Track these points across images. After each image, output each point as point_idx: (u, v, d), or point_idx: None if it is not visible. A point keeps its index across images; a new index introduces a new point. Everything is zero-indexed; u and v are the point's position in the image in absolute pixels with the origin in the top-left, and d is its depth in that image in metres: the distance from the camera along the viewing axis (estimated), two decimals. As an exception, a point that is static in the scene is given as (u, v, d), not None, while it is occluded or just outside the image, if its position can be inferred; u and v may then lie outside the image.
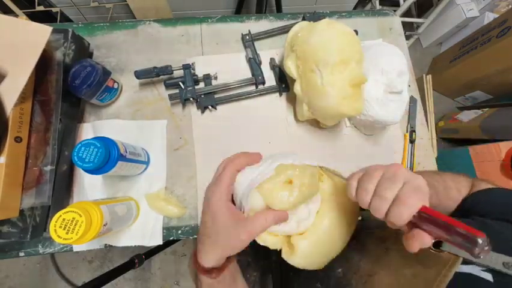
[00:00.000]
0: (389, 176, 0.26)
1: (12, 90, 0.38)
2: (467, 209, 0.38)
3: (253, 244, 0.56)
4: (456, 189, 0.41)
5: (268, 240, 0.36)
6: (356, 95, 0.45)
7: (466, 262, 0.27)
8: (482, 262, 0.26)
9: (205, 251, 0.31)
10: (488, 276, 0.25)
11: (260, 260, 0.55)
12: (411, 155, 0.56)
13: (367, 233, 0.38)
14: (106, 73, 0.49)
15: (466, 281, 0.26)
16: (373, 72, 0.50)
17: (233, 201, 0.35)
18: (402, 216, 0.24)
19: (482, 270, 0.25)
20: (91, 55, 0.56)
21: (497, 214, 0.33)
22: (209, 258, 0.31)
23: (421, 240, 0.25)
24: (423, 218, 0.24)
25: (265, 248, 0.36)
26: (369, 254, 0.36)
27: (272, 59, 0.59)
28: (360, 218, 0.39)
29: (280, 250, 0.50)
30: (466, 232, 0.22)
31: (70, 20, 1.13)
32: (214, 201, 0.31)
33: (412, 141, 0.57)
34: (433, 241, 0.28)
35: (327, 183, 0.38)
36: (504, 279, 0.24)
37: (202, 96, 0.53)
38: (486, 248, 0.21)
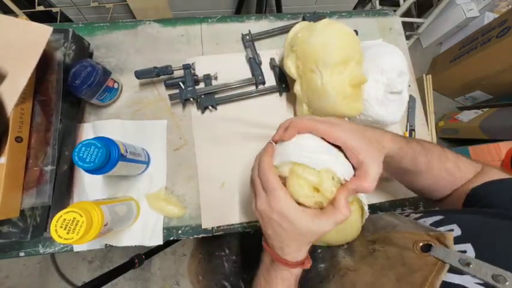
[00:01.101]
0: None
1: (12, 91, 0.38)
2: (477, 199, 0.35)
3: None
4: (455, 164, 0.38)
5: None
6: (356, 95, 0.45)
7: (456, 272, 0.25)
8: (470, 272, 0.24)
9: (298, 249, 0.31)
10: None
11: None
12: (411, 155, 0.56)
13: (358, 236, 0.38)
14: (106, 73, 0.49)
15: None
16: (373, 72, 0.50)
17: None
18: None
19: (476, 283, 0.24)
20: (91, 55, 0.56)
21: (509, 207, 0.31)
22: (300, 254, 0.31)
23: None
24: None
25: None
26: (354, 253, 0.36)
27: (272, 59, 0.59)
28: None
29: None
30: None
31: (69, 20, 1.13)
32: (284, 208, 0.28)
33: (412, 141, 0.57)
34: (421, 244, 0.29)
35: None
36: None
37: (202, 96, 0.53)
38: None
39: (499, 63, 1.24)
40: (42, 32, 0.40)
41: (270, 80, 0.58)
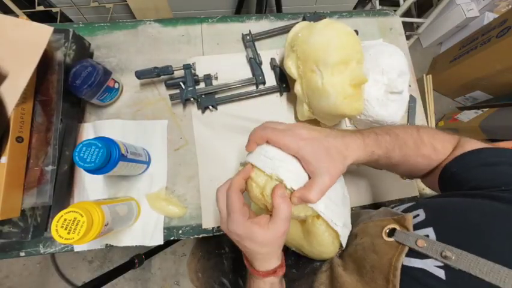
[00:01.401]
0: None
1: (13, 91, 0.38)
2: (449, 177, 0.34)
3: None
4: (431, 146, 0.36)
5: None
6: (356, 95, 0.45)
7: (418, 256, 0.27)
8: (423, 251, 0.26)
9: (265, 259, 0.32)
10: (441, 273, 0.24)
11: None
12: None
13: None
14: (107, 73, 0.49)
15: (418, 277, 0.25)
16: (373, 72, 0.50)
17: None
18: None
19: (435, 266, 0.25)
20: (91, 55, 0.56)
21: (489, 182, 0.30)
22: (272, 260, 0.32)
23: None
24: None
25: None
26: (343, 253, 0.38)
27: (273, 59, 0.59)
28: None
29: None
30: None
31: (69, 20, 1.13)
32: (238, 227, 0.29)
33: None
34: (387, 230, 0.31)
35: None
36: (455, 276, 0.23)
37: (203, 96, 0.53)
38: None
39: (499, 63, 1.24)
40: (43, 32, 0.40)
41: (271, 80, 0.58)
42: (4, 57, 0.38)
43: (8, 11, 0.95)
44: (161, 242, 0.48)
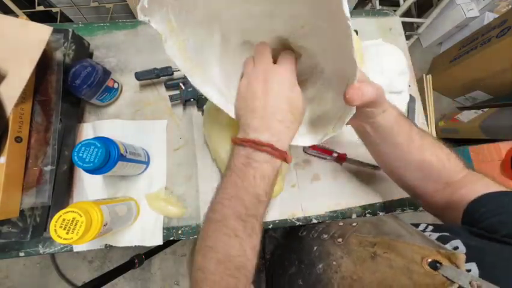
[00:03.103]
0: None
1: (12, 90, 0.38)
2: (477, 216, 0.34)
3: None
4: (446, 155, 0.38)
5: None
6: None
7: None
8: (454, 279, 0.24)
9: (290, 135, 0.29)
10: None
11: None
12: (411, 155, 0.56)
13: (355, 235, 0.36)
14: (106, 73, 0.49)
15: None
16: (373, 72, 0.50)
17: None
18: None
19: None
20: (91, 55, 0.56)
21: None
22: (289, 136, 0.29)
23: (364, 90, 0.26)
24: None
25: (260, 247, 0.36)
26: (352, 254, 0.34)
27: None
28: (355, 224, 0.38)
29: (274, 250, 0.50)
30: None
31: (69, 20, 1.13)
32: (286, 76, 0.29)
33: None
34: (429, 260, 0.27)
35: None
36: None
37: (203, 97, 0.53)
38: None
39: (499, 63, 1.24)
40: (42, 32, 0.40)
41: (270, 80, 0.58)
42: (3, 57, 0.38)
43: (8, 11, 0.95)
44: (160, 242, 0.48)
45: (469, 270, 0.26)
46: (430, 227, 0.36)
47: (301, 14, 0.28)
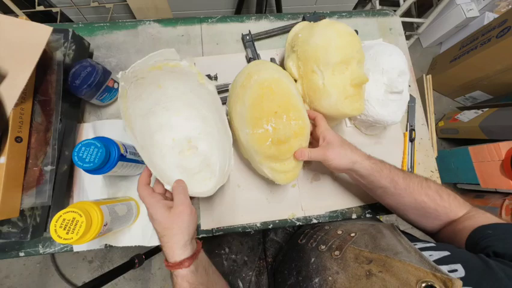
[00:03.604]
0: None
1: (12, 91, 0.38)
2: (474, 242, 0.35)
3: (249, 242, 0.56)
4: (436, 192, 0.40)
5: None
6: (357, 94, 0.45)
7: None
8: None
9: (169, 247, 0.34)
10: None
11: (256, 260, 0.55)
12: (411, 154, 0.56)
13: (353, 248, 0.36)
14: (106, 73, 0.49)
15: None
16: (373, 72, 0.50)
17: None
18: None
19: None
20: (91, 55, 0.56)
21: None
22: (176, 250, 0.34)
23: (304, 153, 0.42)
24: None
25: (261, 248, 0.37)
26: (348, 270, 0.34)
27: (272, 59, 0.59)
28: (353, 234, 0.39)
29: (276, 254, 0.50)
30: None
31: (70, 20, 1.13)
32: (150, 207, 0.36)
33: (412, 140, 0.57)
34: (424, 285, 0.28)
35: None
36: None
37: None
38: None
39: (499, 63, 1.24)
40: (42, 32, 0.40)
41: (270, 80, 0.58)
42: (3, 57, 0.38)
43: (8, 11, 0.94)
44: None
45: None
46: (431, 244, 0.36)
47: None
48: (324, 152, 0.42)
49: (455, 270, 0.29)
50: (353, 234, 0.39)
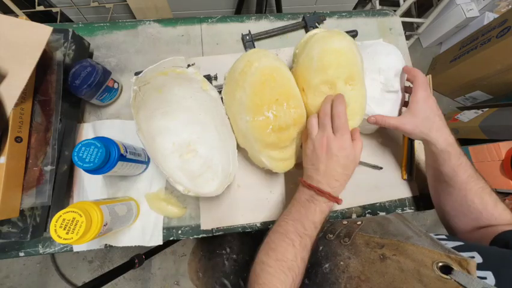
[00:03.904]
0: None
1: (12, 90, 0.38)
2: (498, 243, 0.35)
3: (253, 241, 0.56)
4: (494, 201, 0.39)
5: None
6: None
7: None
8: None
9: (339, 185, 0.37)
10: None
11: None
12: (411, 154, 0.56)
13: (362, 235, 0.36)
14: (106, 73, 0.49)
15: None
16: (370, 71, 0.50)
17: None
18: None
19: None
20: (91, 55, 0.56)
21: None
22: (341, 189, 0.38)
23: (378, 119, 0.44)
24: None
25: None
26: (360, 255, 0.34)
27: (272, 59, 0.59)
28: (359, 222, 0.39)
29: None
30: None
31: (70, 20, 1.13)
32: (352, 150, 0.38)
33: (412, 140, 0.57)
34: (440, 264, 0.28)
35: None
36: None
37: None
38: None
39: (499, 63, 1.24)
40: (42, 32, 0.40)
41: (270, 80, 0.58)
42: (3, 57, 0.38)
43: (8, 11, 0.94)
44: (160, 243, 0.48)
45: (484, 278, 0.26)
46: (443, 236, 0.36)
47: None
48: (400, 121, 0.44)
49: (472, 257, 0.29)
50: (359, 222, 0.39)
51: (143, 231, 0.48)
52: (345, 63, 0.43)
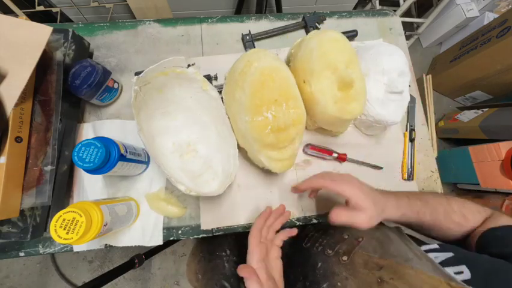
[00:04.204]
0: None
1: (12, 91, 0.38)
2: (483, 245, 0.36)
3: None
4: (460, 214, 0.40)
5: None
6: (347, 97, 0.44)
7: None
8: None
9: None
10: None
11: None
12: (411, 154, 0.56)
13: (361, 253, 0.36)
14: (106, 73, 0.49)
15: None
16: (374, 72, 0.49)
17: None
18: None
19: None
20: (91, 55, 0.56)
21: None
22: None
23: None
24: None
25: None
26: (358, 276, 0.33)
27: (272, 59, 0.59)
28: (360, 239, 0.39)
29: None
30: None
31: (70, 20, 1.13)
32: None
33: (412, 140, 0.57)
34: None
35: None
36: None
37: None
38: None
39: (499, 63, 1.24)
40: (42, 32, 0.40)
41: (270, 80, 0.58)
42: (3, 57, 0.38)
43: (8, 11, 0.94)
44: (160, 243, 0.48)
45: None
46: (435, 246, 0.37)
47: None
48: (352, 220, 0.37)
49: (461, 273, 0.29)
50: (360, 239, 0.39)
51: (143, 231, 0.48)
52: (343, 49, 0.45)
